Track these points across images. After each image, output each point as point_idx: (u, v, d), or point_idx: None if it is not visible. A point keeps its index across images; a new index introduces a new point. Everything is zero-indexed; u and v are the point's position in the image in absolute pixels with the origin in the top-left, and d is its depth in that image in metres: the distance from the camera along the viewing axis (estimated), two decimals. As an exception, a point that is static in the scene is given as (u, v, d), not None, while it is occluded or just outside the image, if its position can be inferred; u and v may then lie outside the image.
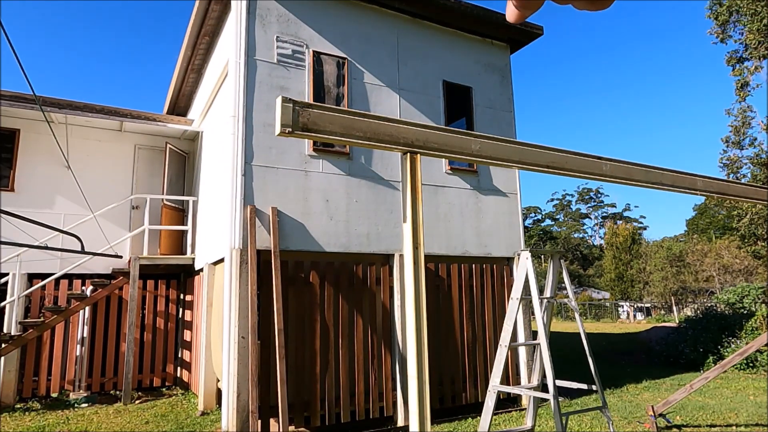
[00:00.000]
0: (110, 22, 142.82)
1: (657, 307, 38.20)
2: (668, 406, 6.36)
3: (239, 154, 6.40)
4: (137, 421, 7.10)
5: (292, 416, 6.14)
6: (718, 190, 2.10)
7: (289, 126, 1.17)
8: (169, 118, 10.74)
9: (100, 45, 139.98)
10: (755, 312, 12.56)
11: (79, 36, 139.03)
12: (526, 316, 7.87)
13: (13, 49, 4.42)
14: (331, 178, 6.99)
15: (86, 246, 8.23)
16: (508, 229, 8.30)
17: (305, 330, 6.45)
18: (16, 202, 9.08)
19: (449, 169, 7.91)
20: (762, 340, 5.97)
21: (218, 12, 8.11)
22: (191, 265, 9.44)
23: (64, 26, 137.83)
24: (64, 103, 9.69)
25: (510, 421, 7.00)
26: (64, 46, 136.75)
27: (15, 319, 8.38)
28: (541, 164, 1.60)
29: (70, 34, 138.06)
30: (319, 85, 7.12)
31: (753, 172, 20.88)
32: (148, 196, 9.51)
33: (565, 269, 4.69)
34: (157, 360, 9.64)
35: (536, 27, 8.93)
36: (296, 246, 6.55)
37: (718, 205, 41.82)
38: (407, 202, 1.32)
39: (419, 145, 1.38)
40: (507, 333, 4.41)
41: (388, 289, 7.16)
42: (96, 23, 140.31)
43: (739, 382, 9.73)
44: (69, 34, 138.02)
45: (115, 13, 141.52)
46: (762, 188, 2.25)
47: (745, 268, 33.10)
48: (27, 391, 8.51)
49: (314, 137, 1.21)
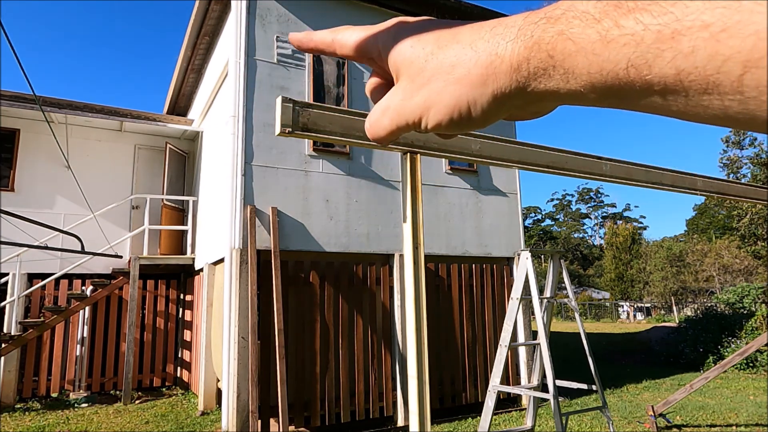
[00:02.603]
0: (110, 22, 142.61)
1: (657, 307, 38.20)
2: (668, 406, 6.35)
3: (239, 154, 6.40)
4: (137, 421, 7.10)
5: (292, 416, 6.14)
6: (718, 190, 2.10)
7: (289, 126, 1.17)
8: (169, 118, 10.74)
9: (100, 45, 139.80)
10: (755, 312, 12.56)
11: (79, 36, 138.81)
12: (526, 316, 7.87)
13: (13, 49, 4.41)
14: (331, 178, 6.99)
15: (86, 246, 8.22)
16: (508, 229, 8.30)
17: (305, 330, 6.45)
18: (16, 202, 9.08)
19: (449, 169, 7.91)
20: (762, 340, 5.97)
21: (218, 12, 8.11)
22: (191, 265, 9.43)
23: (64, 26, 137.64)
24: (64, 103, 9.69)
25: (510, 421, 7.00)
26: (64, 46, 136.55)
27: (15, 319, 8.38)
28: (541, 164, 1.60)
29: (70, 34, 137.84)
30: (319, 85, 7.13)
31: (753, 172, 20.89)
32: (148, 196, 9.51)
33: (565, 269, 4.68)
34: (157, 360, 9.64)
35: (536, 27, 8.93)
36: (296, 246, 6.55)
37: (718, 205, 41.84)
38: (407, 202, 1.32)
39: (419, 145, 1.38)
40: (507, 333, 4.40)
41: (388, 289, 7.16)
42: (96, 23, 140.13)
43: (739, 382, 9.73)
44: (69, 34, 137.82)
45: (115, 13, 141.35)
46: (762, 188, 2.25)
47: (745, 268, 33.09)
48: (27, 391, 8.51)
49: (314, 137, 1.21)
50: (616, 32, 0.27)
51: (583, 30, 0.28)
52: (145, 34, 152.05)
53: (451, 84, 0.34)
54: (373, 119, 0.40)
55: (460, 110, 0.34)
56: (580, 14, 0.29)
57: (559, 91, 0.31)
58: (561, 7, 0.30)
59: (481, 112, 0.34)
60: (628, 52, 0.27)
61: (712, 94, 0.25)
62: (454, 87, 0.34)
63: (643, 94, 0.28)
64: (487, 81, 0.32)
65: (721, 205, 37.41)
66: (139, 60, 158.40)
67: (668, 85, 0.26)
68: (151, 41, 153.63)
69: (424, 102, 0.36)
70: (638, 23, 0.26)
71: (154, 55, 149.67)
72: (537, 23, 0.30)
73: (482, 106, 0.33)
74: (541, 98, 0.32)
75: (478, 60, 0.33)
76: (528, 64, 0.31)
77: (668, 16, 0.25)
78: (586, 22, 0.28)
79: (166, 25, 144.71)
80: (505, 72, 0.32)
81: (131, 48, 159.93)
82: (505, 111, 0.34)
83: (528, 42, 0.31)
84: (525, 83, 0.31)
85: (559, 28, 0.29)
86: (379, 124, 0.40)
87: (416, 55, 0.36)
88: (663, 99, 0.27)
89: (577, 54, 0.29)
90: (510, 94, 0.32)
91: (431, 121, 0.36)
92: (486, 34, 0.33)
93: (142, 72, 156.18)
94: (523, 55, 0.31)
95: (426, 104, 0.36)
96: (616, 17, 0.27)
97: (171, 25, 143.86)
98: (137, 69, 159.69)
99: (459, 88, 0.34)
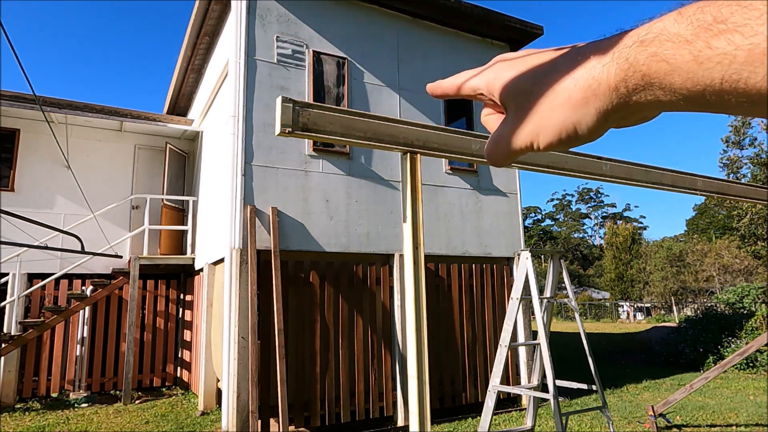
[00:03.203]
0: (110, 22, 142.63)
1: (657, 307, 38.19)
2: (668, 406, 6.35)
3: (239, 154, 6.40)
4: (137, 421, 7.10)
5: (292, 416, 6.14)
6: (718, 190, 2.10)
7: (289, 126, 1.17)
8: (169, 118, 10.74)
9: (100, 45, 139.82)
10: (755, 312, 12.56)
11: (79, 36, 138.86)
12: (526, 316, 7.87)
13: (13, 49, 4.41)
14: (331, 178, 6.99)
15: (86, 246, 8.22)
16: (508, 229, 8.30)
17: (305, 330, 6.45)
18: (16, 202, 9.08)
19: (449, 169, 7.91)
20: (762, 340, 5.97)
21: (218, 12, 8.11)
22: (191, 265, 9.44)
23: (64, 26, 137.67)
24: (64, 103, 9.69)
25: (510, 421, 7.00)
26: (64, 46, 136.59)
27: (15, 319, 8.38)
28: (541, 164, 1.60)
29: (70, 34, 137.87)
30: (319, 85, 7.12)
31: (753, 172, 20.89)
32: (148, 196, 9.51)
33: (565, 269, 4.68)
34: (157, 360, 9.64)
35: (536, 27, 8.92)
36: (296, 246, 6.55)
37: (718, 205, 41.83)
38: (407, 202, 1.32)
39: (419, 145, 1.38)
40: (507, 333, 4.40)
41: (388, 289, 7.16)
42: (96, 23, 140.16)
43: (739, 382, 9.73)
44: (69, 34, 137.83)
45: (115, 13, 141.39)
46: (762, 188, 2.25)
47: (745, 268, 33.09)
48: (27, 391, 8.51)
49: (314, 137, 1.21)
50: (709, 53, 0.29)
51: (676, 51, 0.30)
52: (145, 34, 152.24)
53: (556, 109, 0.37)
54: (489, 150, 0.44)
55: (567, 131, 0.37)
56: (672, 36, 0.31)
57: (660, 99, 0.33)
58: (653, 31, 0.32)
59: (587, 129, 0.37)
60: (722, 70, 0.29)
61: None
62: (559, 112, 0.37)
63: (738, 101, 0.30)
64: (588, 102, 0.35)
65: (721, 205, 37.42)
66: (139, 60, 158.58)
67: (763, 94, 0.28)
68: (151, 41, 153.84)
69: (534, 128, 0.39)
70: (730, 44, 0.28)
71: (154, 55, 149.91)
72: (631, 47, 0.33)
73: (587, 124, 0.36)
74: (642, 108, 0.35)
75: (576, 84, 0.36)
76: (625, 84, 0.33)
77: (758, 36, 0.27)
78: (678, 44, 0.30)
79: (166, 25, 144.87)
80: (603, 93, 0.34)
81: (131, 48, 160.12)
82: (610, 124, 0.37)
83: (623, 65, 0.33)
84: (626, 98, 0.34)
85: (653, 50, 0.32)
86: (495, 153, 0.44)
87: (520, 88, 0.40)
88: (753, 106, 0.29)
89: (673, 73, 0.31)
90: (613, 110, 0.35)
91: (542, 143, 0.39)
92: (581, 59, 0.36)
93: (142, 72, 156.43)
94: (620, 76, 0.33)
95: (536, 130, 0.39)
96: (707, 38, 0.29)
97: (171, 25, 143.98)
98: (137, 69, 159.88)
99: (563, 112, 0.37)
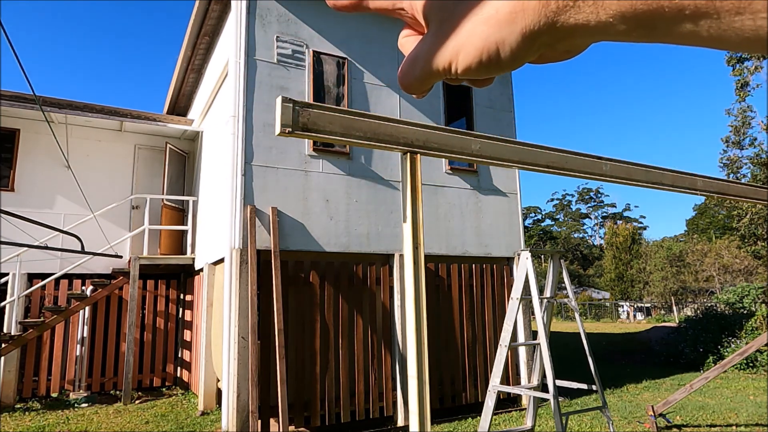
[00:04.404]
0: (111, 22, 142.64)
1: (657, 307, 38.19)
2: (668, 406, 6.35)
3: (239, 154, 6.40)
4: (137, 421, 7.10)
5: (292, 416, 6.14)
6: (718, 190, 2.10)
7: (289, 126, 1.17)
8: (169, 118, 10.74)
9: (100, 45, 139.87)
10: (755, 312, 12.56)
11: (79, 36, 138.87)
12: (526, 316, 7.87)
13: (13, 49, 4.41)
14: (331, 178, 6.99)
15: (86, 246, 8.22)
16: (508, 229, 8.30)
17: (305, 330, 6.45)
18: (16, 202, 9.08)
19: (449, 169, 7.91)
20: (762, 340, 5.97)
21: (218, 12, 8.11)
22: (191, 265, 9.43)
23: (64, 26, 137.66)
24: (64, 103, 9.69)
25: (510, 421, 7.00)
26: (64, 46, 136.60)
27: (15, 319, 8.38)
28: (541, 164, 1.60)
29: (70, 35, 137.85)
30: (319, 85, 7.13)
31: (753, 172, 20.90)
32: (148, 196, 9.51)
33: (565, 269, 4.68)
34: (157, 360, 9.64)
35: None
36: (296, 246, 6.55)
37: (718, 205, 41.84)
38: (407, 202, 1.32)
39: (419, 145, 1.38)
40: (507, 333, 4.40)
41: (388, 289, 7.16)
42: (96, 23, 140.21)
43: (739, 382, 9.73)
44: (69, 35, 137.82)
45: (115, 13, 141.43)
46: (762, 188, 2.25)
47: (745, 268, 33.10)
48: (27, 391, 8.51)
49: (314, 137, 1.21)
50: None
51: None
52: (145, 34, 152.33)
53: (479, 25, 0.33)
54: (404, 70, 0.39)
55: (489, 52, 0.33)
56: None
57: (589, 23, 0.30)
58: None
59: (510, 52, 0.33)
60: None
61: (744, 14, 0.25)
62: (482, 28, 0.33)
63: (674, 20, 0.27)
64: (516, 18, 0.32)
65: (721, 205, 37.44)
66: (139, 60, 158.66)
67: (699, 8, 0.26)
68: (151, 41, 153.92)
69: (454, 46, 0.35)
70: None
71: (154, 54, 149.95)
72: None
73: (511, 45, 0.32)
74: (571, 33, 0.32)
75: None
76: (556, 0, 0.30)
77: None
78: None
79: (166, 25, 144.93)
80: (533, 7, 0.31)
81: (131, 47, 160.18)
82: (535, 50, 0.33)
83: None
84: (554, 18, 0.31)
85: None
86: (409, 73, 0.38)
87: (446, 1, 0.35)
88: (694, 24, 0.27)
89: None
90: (539, 31, 0.31)
91: (461, 65, 0.35)
92: None
93: (142, 72, 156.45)
94: None
95: (455, 49, 0.34)
96: None
97: (171, 25, 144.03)
98: (137, 69, 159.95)
99: (487, 29, 0.33)
